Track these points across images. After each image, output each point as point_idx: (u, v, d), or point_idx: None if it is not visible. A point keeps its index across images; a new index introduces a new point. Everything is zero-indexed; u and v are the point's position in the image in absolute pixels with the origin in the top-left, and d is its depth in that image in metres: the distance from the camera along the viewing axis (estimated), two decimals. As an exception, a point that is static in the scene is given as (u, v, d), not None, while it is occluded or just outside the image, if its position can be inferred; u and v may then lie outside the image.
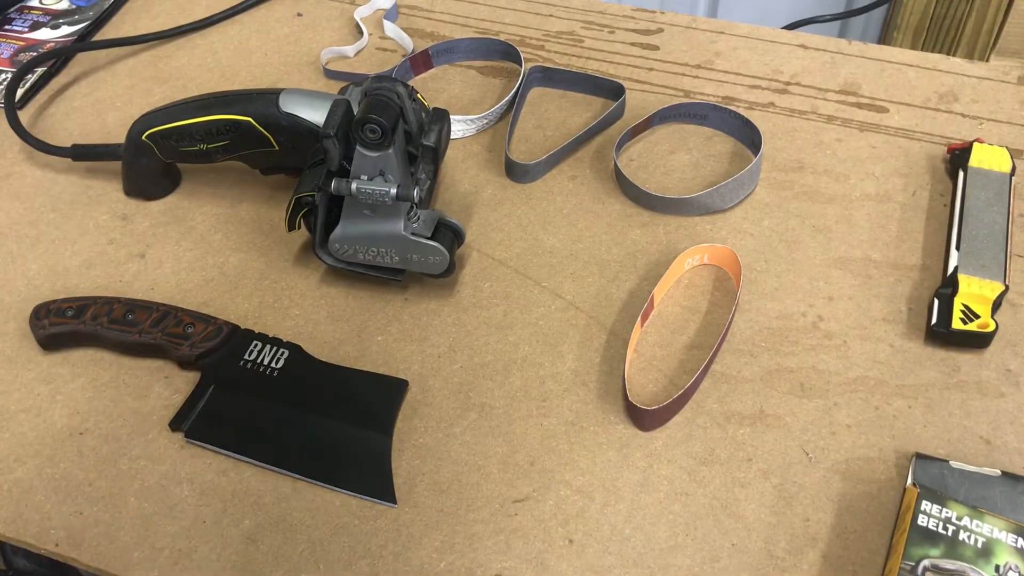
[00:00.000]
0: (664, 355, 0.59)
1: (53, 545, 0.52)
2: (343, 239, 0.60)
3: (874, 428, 0.55)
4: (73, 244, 0.67)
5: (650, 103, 0.75)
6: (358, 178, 0.56)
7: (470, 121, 0.73)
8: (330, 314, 0.62)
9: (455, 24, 0.83)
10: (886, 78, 0.76)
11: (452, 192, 0.69)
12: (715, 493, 0.53)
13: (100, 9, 0.87)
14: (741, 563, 0.50)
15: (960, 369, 0.57)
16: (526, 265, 0.64)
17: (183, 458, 0.55)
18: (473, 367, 0.59)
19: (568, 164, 0.71)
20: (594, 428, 0.56)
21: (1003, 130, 0.71)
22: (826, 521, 0.51)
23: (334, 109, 0.55)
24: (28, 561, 0.89)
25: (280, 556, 0.51)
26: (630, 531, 0.52)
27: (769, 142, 0.71)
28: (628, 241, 0.65)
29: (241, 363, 0.59)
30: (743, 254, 0.64)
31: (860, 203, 0.67)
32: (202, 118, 0.61)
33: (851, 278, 0.62)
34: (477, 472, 0.54)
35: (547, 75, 0.77)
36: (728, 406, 0.56)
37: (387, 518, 0.53)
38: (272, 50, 0.82)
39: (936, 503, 0.48)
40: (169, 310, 0.60)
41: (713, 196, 0.66)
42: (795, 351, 0.59)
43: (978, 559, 0.46)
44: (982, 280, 0.59)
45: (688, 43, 0.80)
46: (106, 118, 0.77)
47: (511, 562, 0.51)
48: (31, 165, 0.73)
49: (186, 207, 0.70)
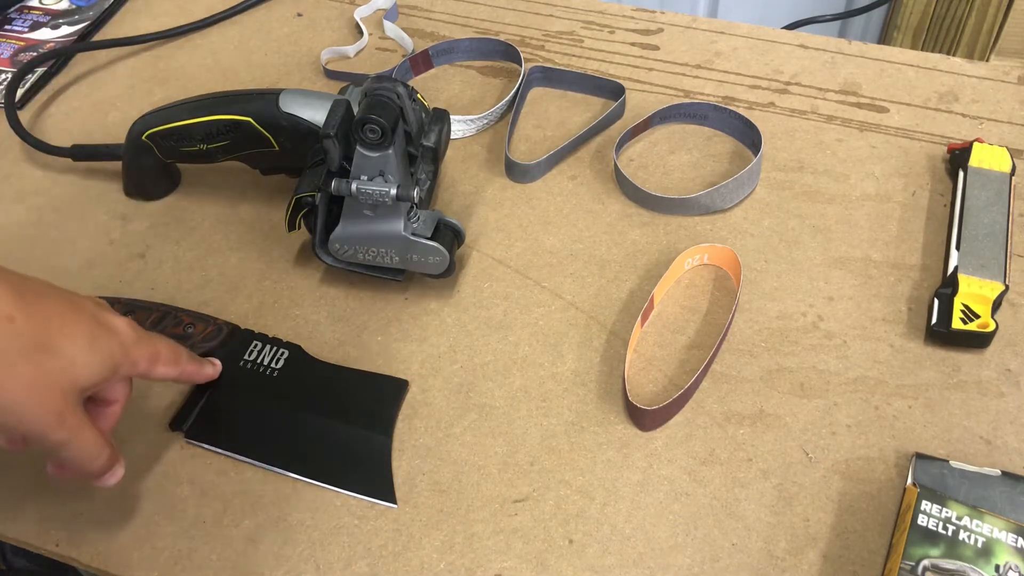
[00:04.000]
0: (664, 355, 0.59)
1: (53, 545, 0.52)
2: (343, 239, 0.60)
3: (874, 428, 0.55)
4: (73, 244, 0.67)
5: (650, 103, 0.75)
6: (358, 178, 0.56)
7: (470, 121, 0.73)
8: (330, 314, 0.62)
9: (455, 24, 0.84)
10: (886, 78, 0.76)
11: (452, 192, 0.69)
12: (715, 493, 0.53)
13: (100, 9, 0.87)
14: (741, 563, 0.50)
15: (960, 369, 0.57)
16: (526, 265, 0.64)
17: (183, 458, 0.55)
18: (473, 367, 0.59)
19: (568, 164, 0.71)
20: (594, 428, 0.56)
21: (1003, 130, 0.71)
22: (826, 521, 0.51)
23: (334, 109, 0.55)
24: (28, 561, 0.89)
25: (280, 556, 0.51)
26: (630, 531, 0.52)
27: (769, 142, 0.71)
28: (628, 241, 0.65)
29: (241, 363, 0.59)
30: (743, 254, 0.64)
31: (860, 203, 0.67)
32: (202, 118, 0.61)
33: (851, 278, 0.62)
34: (477, 472, 0.54)
35: (547, 75, 0.77)
36: (728, 406, 0.56)
37: (387, 518, 0.53)
38: (272, 50, 0.82)
39: (936, 503, 0.48)
40: (169, 310, 0.60)
41: (713, 196, 0.66)
42: (795, 351, 0.59)
43: (978, 559, 0.46)
44: (982, 280, 0.59)
45: (688, 43, 0.80)
46: (106, 118, 0.77)
47: (511, 562, 0.51)
48: (31, 165, 0.73)
49: (186, 207, 0.70)
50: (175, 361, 0.51)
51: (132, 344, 0.47)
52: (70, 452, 0.44)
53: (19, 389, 0.41)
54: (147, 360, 0.48)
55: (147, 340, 0.48)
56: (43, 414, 0.42)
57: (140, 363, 0.47)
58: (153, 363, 0.48)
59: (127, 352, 0.46)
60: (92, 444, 0.45)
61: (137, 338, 0.47)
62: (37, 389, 0.41)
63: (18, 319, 0.41)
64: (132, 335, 0.47)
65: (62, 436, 0.43)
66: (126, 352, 0.46)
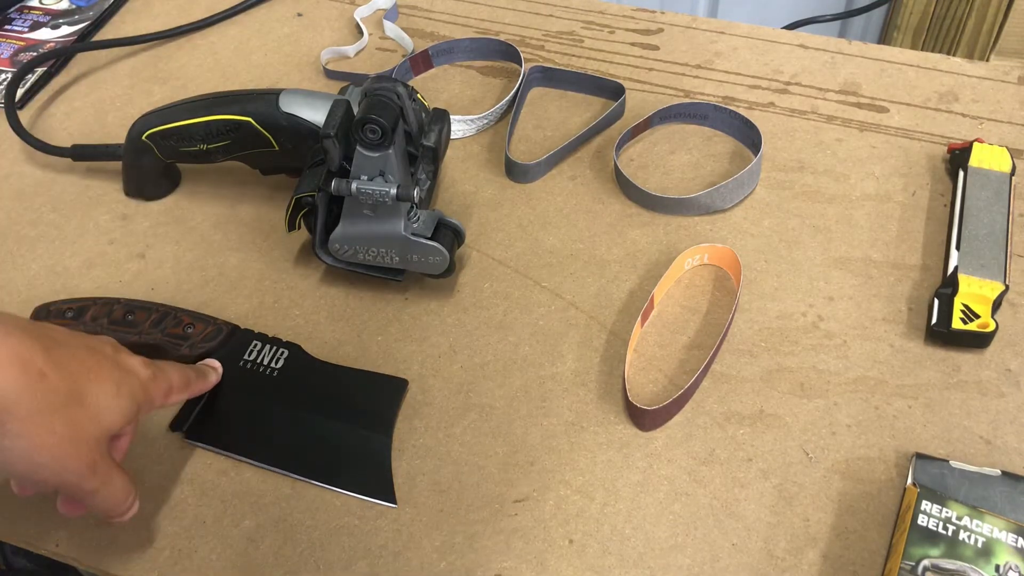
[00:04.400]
0: (664, 355, 0.59)
1: (53, 545, 0.52)
2: (343, 239, 0.60)
3: (874, 428, 0.55)
4: (73, 244, 0.67)
5: (650, 103, 0.75)
6: (358, 178, 0.56)
7: (470, 121, 0.73)
8: (330, 314, 0.62)
9: (455, 24, 0.84)
10: (886, 78, 0.76)
11: (452, 192, 0.69)
12: (715, 493, 0.53)
13: (100, 9, 0.87)
14: (741, 563, 0.50)
15: (960, 369, 0.57)
16: (526, 265, 0.64)
17: (183, 458, 0.55)
18: (473, 367, 0.59)
19: (568, 164, 0.71)
20: (594, 428, 0.56)
21: (1003, 130, 0.71)
22: (826, 521, 0.51)
23: (334, 109, 0.55)
24: (28, 561, 0.89)
25: (280, 556, 0.51)
26: (630, 531, 0.52)
27: (769, 142, 0.71)
28: (628, 241, 0.65)
29: (241, 363, 0.59)
30: (743, 254, 0.64)
31: (860, 203, 0.67)
32: (202, 118, 0.61)
33: (851, 278, 0.62)
34: (477, 472, 0.54)
35: (547, 75, 0.77)
36: (728, 406, 0.56)
37: (387, 518, 0.53)
38: (272, 50, 0.82)
39: (936, 503, 0.48)
40: (169, 310, 0.60)
41: (713, 196, 0.66)
42: (795, 351, 0.59)
43: (978, 559, 0.46)
44: (982, 280, 0.59)
45: (688, 43, 0.80)
46: (106, 118, 0.77)
47: (511, 562, 0.51)
48: (31, 165, 0.73)
49: (186, 207, 0.70)
50: (185, 386, 0.52)
51: (149, 382, 0.47)
52: (99, 499, 0.45)
53: (56, 446, 0.41)
54: (162, 394, 0.49)
55: (160, 374, 0.49)
56: (78, 467, 0.42)
57: (157, 399, 0.48)
58: (167, 395, 0.49)
59: (146, 391, 0.47)
60: (121, 489, 0.46)
61: (152, 375, 0.48)
62: (72, 443, 0.42)
63: (50, 375, 0.41)
64: (148, 373, 0.47)
65: (94, 485, 0.44)
66: (145, 392, 0.47)
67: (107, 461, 0.44)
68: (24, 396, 0.39)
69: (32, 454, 0.40)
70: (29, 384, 0.40)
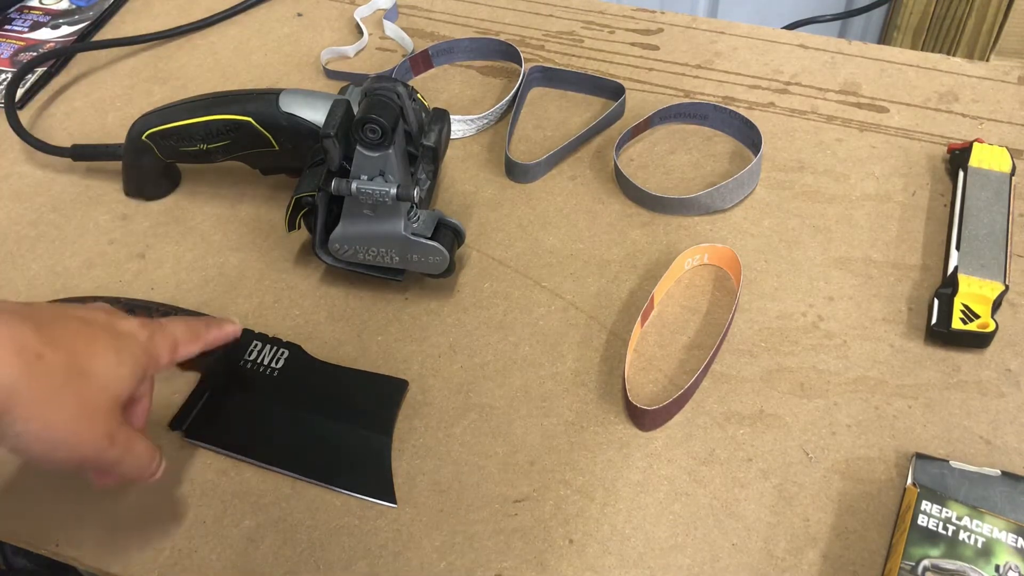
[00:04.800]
0: (664, 355, 0.59)
1: (53, 545, 0.52)
2: (343, 239, 0.60)
3: (874, 428, 0.55)
4: (73, 244, 0.67)
5: (650, 103, 0.75)
6: (358, 178, 0.56)
7: (470, 121, 0.73)
8: (330, 314, 0.62)
9: (455, 24, 0.84)
10: (886, 78, 0.76)
11: (452, 192, 0.69)
12: (715, 493, 0.53)
13: (100, 9, 0.87)
14: (741, 563, 0.50)
15: (960, 369, 0.57)
16: (526, 265, 0.64)
17: (183, 458, 0.55)
18: (473, 367, 0.59)
19: (568, 164, 0.71)
20: (594, 428, 0.56)
21: (1003, 130, 0.71)
22: (826, 521, 0.51)
23: (334, 109, 0.55)
24: (28, 561, 0.89)
25: (280, 556, 0.51)
26: (630, 531, 0.52)
27: (769, 142, 0.71)
28: (628, 241, 0.65)
29: (241, 363, 0.59)
30: (743, 254, 0.64)
31: (860, 203, 0.67)
32: (202, 118, 0.61)
33: (851, 278, 0.62)
34: (477, 472, 0.54)
35: (547, 75, 0.77)
36: (728, 406, 0.56)
37: (387, 518, 0.53)
38: (272, 50, 0.82)
39: (936, 503, 0.48)
40: (169, 310, 0.60)
41: (713, 196, 0.66)
42: (795, 351, 0.59)
43: (978, 559, 0.46)
44: (982, 280, 0.59)
45: (688, 43, 0.80)
46: (106, 118, 0.77)
47: (511, 562, 0.51)
48: (31, 165, 0.73)
49: (186, 207, 0.70)
50: (195, 337, 0.51)
51: (149, 341, 0.47)
52: (126, 466, 0.45)
53: (67, 421, 0.41)
54: (168, 351, 0.48)
55: (161, 332, 0.48)
56: (94, 439, 0.42)
57: (163, 357, 0.48)
58: (174, 351, 0.49)
59: (148, 351, 0.46)
60: (144, 453, 0.46)
61: (151, 334, 0.47)
62: (83, 417, 0.42)
63: (47, 354, 0.41)
64: (146, 333, 0.47)
65: (116, 454, 0.44)
66: (147, 352, 0.46)
67: (124, 429, 0.44)
68: (25, 379, 0.39)
69: (46, 435, 0.40)
70: (27, 366, 0.39)
